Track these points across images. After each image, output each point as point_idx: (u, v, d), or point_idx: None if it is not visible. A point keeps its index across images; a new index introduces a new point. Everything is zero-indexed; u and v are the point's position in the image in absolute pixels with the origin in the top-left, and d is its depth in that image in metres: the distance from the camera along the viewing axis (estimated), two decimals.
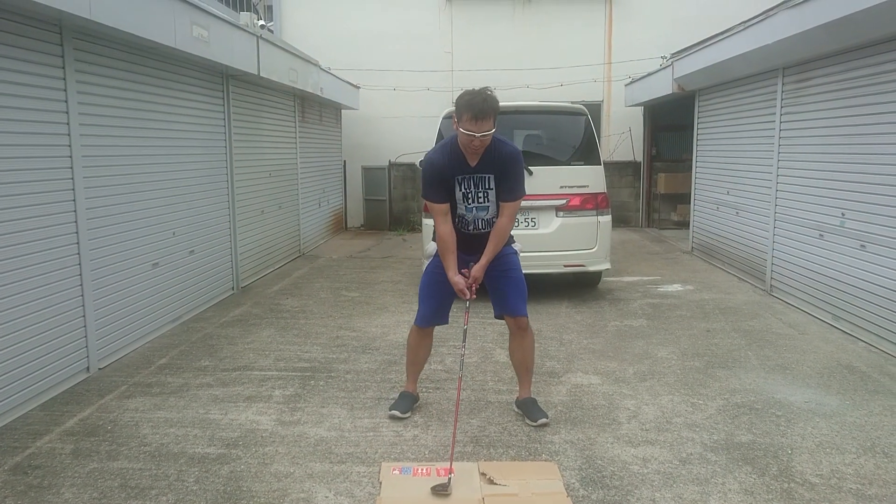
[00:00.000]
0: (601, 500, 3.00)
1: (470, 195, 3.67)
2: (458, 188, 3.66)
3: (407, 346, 4.05)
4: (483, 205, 3.69)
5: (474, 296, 3.64)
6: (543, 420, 3.76)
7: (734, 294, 6.97)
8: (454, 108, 3.56)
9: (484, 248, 3.67)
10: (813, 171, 6.12)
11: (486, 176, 3.64)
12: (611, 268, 7.00)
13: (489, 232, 3.71)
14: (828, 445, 3.51)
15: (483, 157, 3.59)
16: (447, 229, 3.65)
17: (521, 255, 3.94)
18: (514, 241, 3.89)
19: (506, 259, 3.79)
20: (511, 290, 3.79)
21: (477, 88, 3.50)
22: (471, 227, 3.74)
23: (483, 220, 3.73)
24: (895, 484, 3.12)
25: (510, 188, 3.66)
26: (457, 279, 3.62)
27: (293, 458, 3.40)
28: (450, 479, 3.08)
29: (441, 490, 3.01)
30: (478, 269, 3.66)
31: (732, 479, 3.18)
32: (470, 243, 3.73)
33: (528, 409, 3.85)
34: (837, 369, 4.65)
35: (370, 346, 5.25)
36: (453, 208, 3.71)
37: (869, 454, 3.42)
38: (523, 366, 3.92)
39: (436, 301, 3.86)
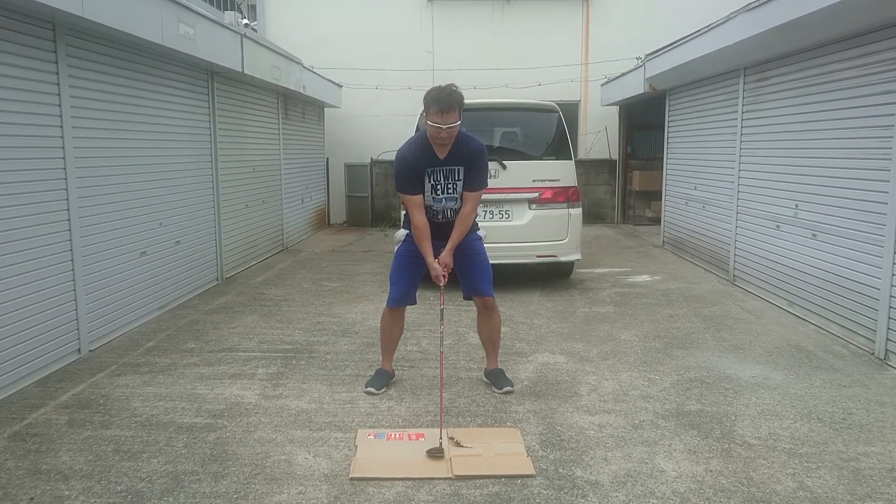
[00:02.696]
0: (558, 460, 3.29)
1: (439, 187, 3.95)
2: (427, 180, 3.94)
3: (381, 328, 4.34)
4: (452, 195, 3.99)
5: (446, 280, 3.97)
6: (508, 388, 4.09)
7: (699, 284, 7.31)
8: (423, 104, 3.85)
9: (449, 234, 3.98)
10: (770, 166, 6.48)
11: (456, 168, 3.94)
12: (582, 259, 7.31)
13: (454, 208, 4.01)
14: (768, 413, 3.83)
15: (451, 151, 3.89)
16: (422, 219, 3.93)
17: (496, 245, 4.28)
18: (478, 228, 4.21)
19: (472, 245, 4.11)
20: (478, 273, 4.12)
21: (443, 85, 3.80)
22: (440, 217, 4.03)
23: (451, 209, 4.02)
24: (825, 444, 3.44)
25: (475, 180, 3.98)
26: (436, 265, 3.91)
27: (275, 427, 3.66)
28: (440, 443, 3.35)
29: (436, 453, 3.27)
30: (446, 254, 3.96)
31: (678, 440, 3.48)
32: (439, 230, 4.02)
33: (495, 378, 4.19)
34: (786, 349, 4.98)
35: (350, 331, 5.51)
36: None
37: (805, 420, 3.74)
38: (490, 341, 4.26)
39: (405, 283, 4.16)
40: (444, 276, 3.94)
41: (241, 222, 8.11)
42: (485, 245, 4.23)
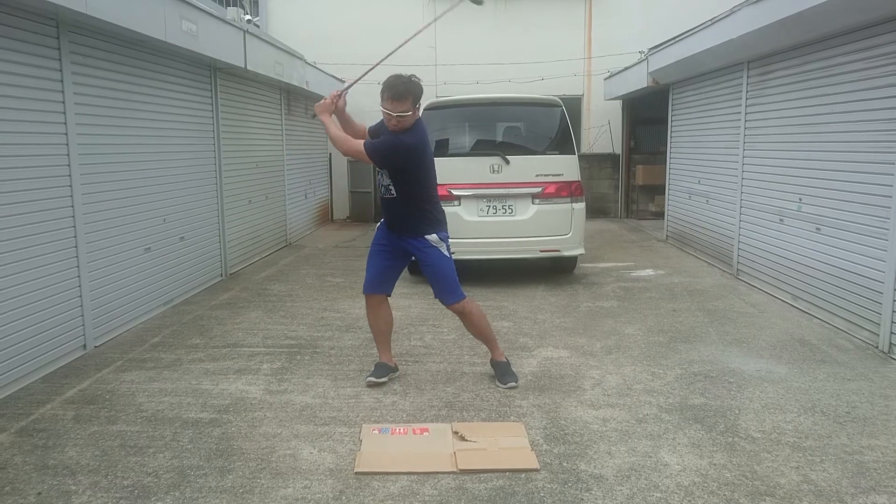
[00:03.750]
0: (562, 454, 3.30)
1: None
2: None
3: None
4: (385, 174, 4.06)
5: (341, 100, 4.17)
6: (512, 384, 4.09)
7: (702, 278, 7.31)
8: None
9: (394, 211, 4.08)
10: (774, 160, 6.46)
11: None
12: (585, 253, 7.31)
13: (392, 197, 4.04)
14: (772, 406, 3.83)
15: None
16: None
17: (499, 240, 4.29)
18: (429, 233, 4.06)
19: (422, 253, 4.08)
20: (434, 283, 4.16)
21: (406, 74, 3.88)
22: (382, 192, 4.09)
23: (385, 187, 4.06)
24: (829, 438, 3.45)
25: (377, 143, 4.04)
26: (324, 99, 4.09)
27: (280, 422, 3.68)
28: None
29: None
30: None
31: (682, 434, 3.49)
32: (387, 208, 4.12)
33: (500, 371, 4.20)
34: (790, 343, 4.98)
35: (353, 326, 5.52)
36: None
37: (809, 413, 3.74)
38: (482, 337, 4.29)
39: (375, 268, 4.20)
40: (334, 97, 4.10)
41: (244, 218, 8.13)
42: (493, 240, 4.22)
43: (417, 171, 3.98)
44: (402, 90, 3.77)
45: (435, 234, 4.07)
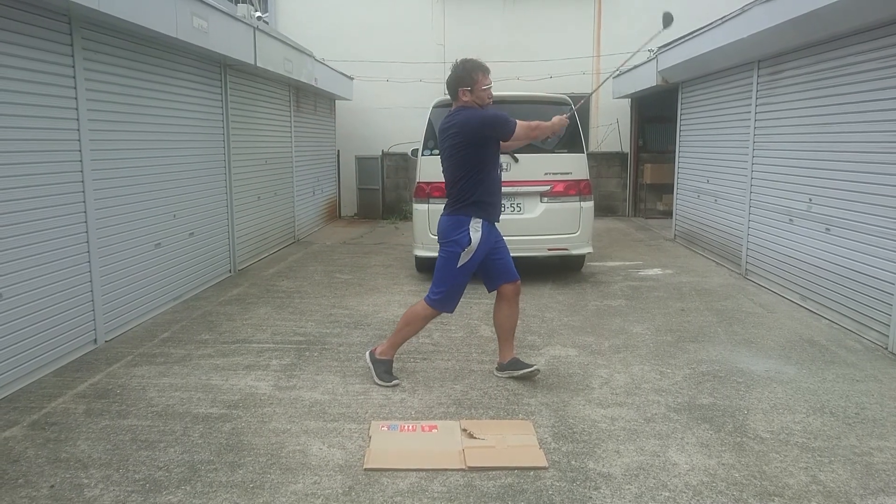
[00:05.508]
0: (570, 452, 3.31)
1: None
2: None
3: (413, 324, 4.15)
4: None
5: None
6: (535, 368, 4.17)
7: (711, 277, 7.30)
8: (457, 79, 3.96)
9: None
10: (784, 160, 6.44)
11: None
12: (593, 252, 7.30)
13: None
14: (781, 407, 3.83)
15: None
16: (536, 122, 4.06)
17: (507, 238, 4.29)
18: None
19: (498, 238, 4.14)
20: (509, 257, 4.16)
21: (463, 59, 3.99)
22: (498, 178, 4.14)
23: (499, 171, 4.17)
24: (838, 438, 3.44)
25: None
26: (556, 118, 4.06)
27: (290, 417, 3.70)
28: None
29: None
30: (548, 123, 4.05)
31: (691, 434, 3.49)
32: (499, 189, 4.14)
33: (515, 363, 4.23)
34: (799, 343, 4.97)
35: (362, 322, 5.54)
36: (489, 163, 3.98)
37: (817, 414, 3.74)
38: (512, 330, 4.26)
39: (461, 294, 4.14)
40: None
41: (253, 214, 8.16)
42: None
43: None
44: (484, 64, 3.95)
45: None
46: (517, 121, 3.91)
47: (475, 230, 3.93)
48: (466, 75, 3.90)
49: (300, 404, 3.87)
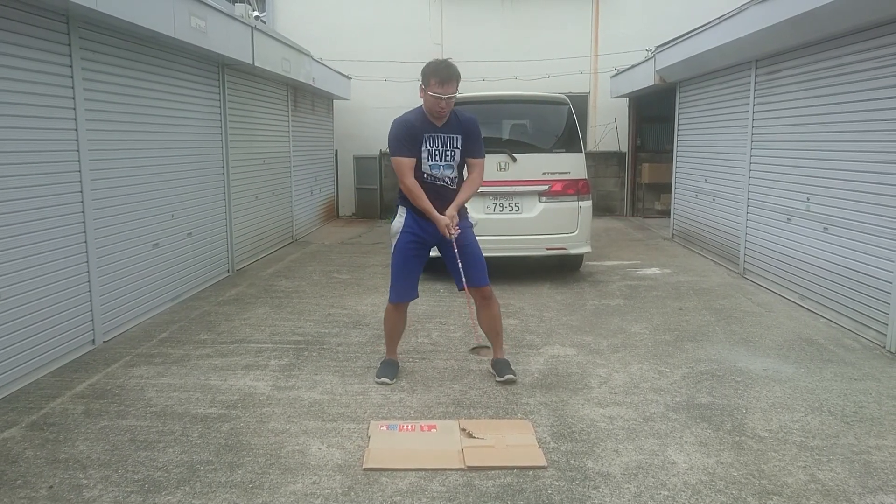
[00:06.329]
0: (569, 451, 3.31)
1: (437, 153, 4.04)
2: (424, 146, 4.01)
3: (385, 323, 4.37)
4: (449, 163, 4.07)
5: (457, 230, 4.04)
6: (509, 376, 4.15)
7: (709, 277, 7.31)
8: (421, 74, 3.96)
9: (450, 201, 4.06)
10: (782, 159, 6.45)
11: (454, 136, 4.06)
12: (591, 251, 7.30)
13: (453, 188, 4.09)
14: (779, 406, 3.84)
15: (448, 121, 4.04)
16: (413, 181, 4.00)
17: (505, 237, 4.30)
18: (469, 214, 4.29)
19: (464, 233, 4.13)
20: (471, 262, 4.14)
21: (441, 59, 3.95)
22: (437, 182, 4.09)
23: (449, 177, 4.09)
24: (836, 437, 3.45)
25: (475, 147, 4.13)
26: (443, 218, 3.98)
27: (289, 417, 3.70)
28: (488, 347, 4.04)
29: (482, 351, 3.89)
30: (451, 210, 4.03)
31: (689, 433, 3.50)
32: (439, 195, 4.07)
33: (499, 367, 4.24)
34: (797, 342, 4.98)
35: (360, 322, 5.54)
36: (418, 166, 4.04)
37: (816, 413, 3.74)
38: (493, 331, 4.30)
39: (407, 277, 4.17)
40: (453, 227, 3.99)
41: (251, 214, 8.15)
42: (499, 237, 4.25)
43: None
44: (448, 73, 3.86)
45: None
46: (394, 156, 4.01)
47: (399, 216, 4.15)
48: (424, 75, 3.92)
49: (299, 404, 3.87)
